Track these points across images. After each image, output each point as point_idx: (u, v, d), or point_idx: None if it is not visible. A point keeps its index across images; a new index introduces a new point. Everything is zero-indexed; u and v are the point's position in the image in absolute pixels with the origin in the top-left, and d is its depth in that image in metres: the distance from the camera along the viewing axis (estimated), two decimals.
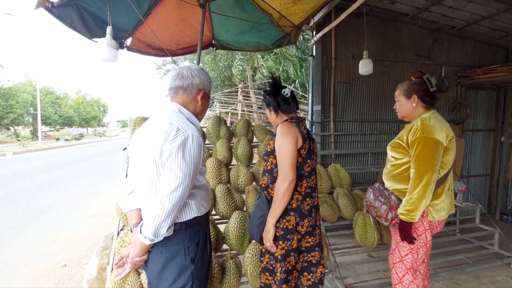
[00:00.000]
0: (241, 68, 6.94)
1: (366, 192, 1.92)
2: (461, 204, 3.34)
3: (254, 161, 2.63)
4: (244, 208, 2.29)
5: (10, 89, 26.55)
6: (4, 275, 2.85)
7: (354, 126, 3.79)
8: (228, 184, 2.35)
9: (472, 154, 4.37)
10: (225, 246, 2.08)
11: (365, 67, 2.96)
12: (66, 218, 4.55)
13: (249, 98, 11.60)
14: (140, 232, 1.16)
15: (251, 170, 2.46)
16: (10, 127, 28.92)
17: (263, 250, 1.65)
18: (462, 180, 3.92)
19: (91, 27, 2.40)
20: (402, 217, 1.54)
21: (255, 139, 2.76)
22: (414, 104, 1.62)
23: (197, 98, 1.32)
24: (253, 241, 2.01)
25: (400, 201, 1.62)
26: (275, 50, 6.56)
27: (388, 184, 1.74)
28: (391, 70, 3.87)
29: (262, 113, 11.52)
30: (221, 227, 2.13)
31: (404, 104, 1.66)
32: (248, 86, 11.22)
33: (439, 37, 4.01)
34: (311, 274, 1.60)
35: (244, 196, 2.32)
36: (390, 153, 1.72)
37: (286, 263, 1.50)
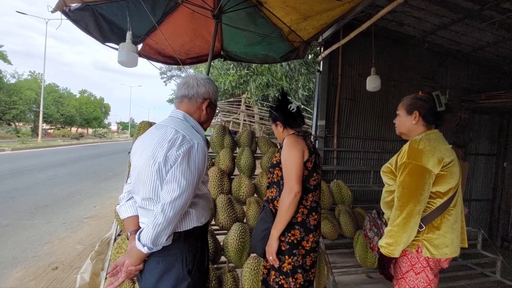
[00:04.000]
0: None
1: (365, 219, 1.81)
2: None
3: (256, 172, 2.61)
4: (245, 220, 2.25)
5: (15, 85, 26.83)
6: None
7: (357, 143, 3.80)
8: (230, 195, 2.32)
9: (473, 178, 4.36)
10: (223, 258, 2.04)
11: (372, 83, 2.98)
12: (61, 219, 4.49)
13: (251, 109, 11.69)
14: (139, 240, 1.13)
15: (253, 182, 2.44)
16: (11, 123, 29.06)
17: (268, 266, 1.59)
18: (464, 204, 3.88)
19: (105, 32, 2.44)
20: (382, 250, 1.37)
21: (258, 151, 2.75)
22: (413, 122, 1.44)
23: (202, 107, 1.32)
24: (252, 255, 1.97)
25: None
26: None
27: (384, 211, 1.60)
28: (396, 90, 3.91)
29: (263, 124, 11.58)
30: (220, 238, 2.10)
31: (404, 120, 1.49)
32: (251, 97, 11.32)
33: (445, 60, 4.07)
34: None
35: (245, 207, 2.29)
36: (383, 178, 1.56)
37: (294, 279, 1.46)
